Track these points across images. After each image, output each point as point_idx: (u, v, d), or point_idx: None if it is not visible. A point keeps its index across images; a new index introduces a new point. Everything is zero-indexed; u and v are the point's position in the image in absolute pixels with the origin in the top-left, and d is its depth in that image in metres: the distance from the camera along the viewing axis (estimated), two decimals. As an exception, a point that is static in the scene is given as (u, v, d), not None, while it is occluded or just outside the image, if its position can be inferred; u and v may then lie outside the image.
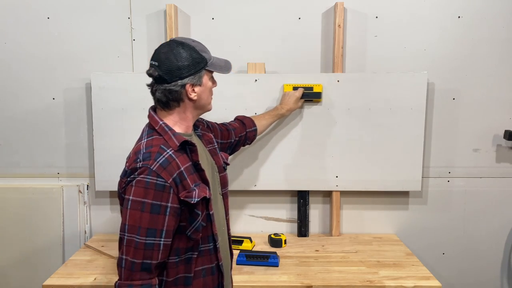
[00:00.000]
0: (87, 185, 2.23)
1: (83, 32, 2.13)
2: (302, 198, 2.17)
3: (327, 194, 2.22)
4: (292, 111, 2.02)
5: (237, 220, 2.25)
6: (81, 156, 2.21)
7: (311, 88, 2.03)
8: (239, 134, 1.75)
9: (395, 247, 2.06)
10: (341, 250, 2.01)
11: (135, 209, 1.17)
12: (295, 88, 2.01)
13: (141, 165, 1.19)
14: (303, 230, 2.19)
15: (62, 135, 2.20)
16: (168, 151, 1.23)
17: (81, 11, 2.12)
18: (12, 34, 2.13)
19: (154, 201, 1.18)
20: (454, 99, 2.15)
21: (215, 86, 1.39)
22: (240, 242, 2.02)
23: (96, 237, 2.20)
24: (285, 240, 2.07)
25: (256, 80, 2.06)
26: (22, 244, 2.21)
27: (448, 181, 2.21)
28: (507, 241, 2.25)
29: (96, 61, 2.14)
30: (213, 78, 1.38)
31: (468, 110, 2.16)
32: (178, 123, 1.32)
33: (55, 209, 2.20)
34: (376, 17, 2.10)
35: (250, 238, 2.05)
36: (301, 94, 2.00)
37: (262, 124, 1.88)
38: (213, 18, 2.12)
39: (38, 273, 2.21)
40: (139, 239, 1.17)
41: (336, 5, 2.05)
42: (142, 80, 1.39)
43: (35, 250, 2.21)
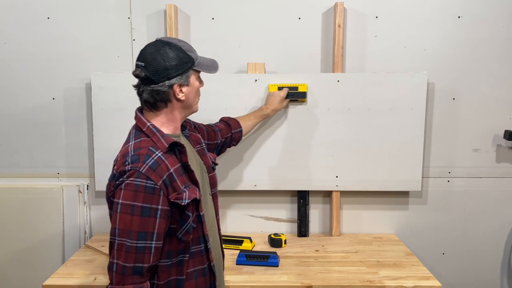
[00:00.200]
0: (87, 185, 2.23)
1: (83, 32, 2.13)
2: (302, 198, 2.17)
3: (327, 194, 2.22)
4: (277, 111, 2.02)
5: (237, 220, 2.24)
6: (81, 156, 2.21)
7: (296, 88, 2.03)
8: (225, 135, 1.75)
9: (395, 247, 2.06)
10: (341, 250, 2.01)
11: (125, 213, 1.16)
12: (280, 88, 2.02)
13: (130, 168, 1.18)
14: (303, 230, 2.19)
15: (62, 135, 2.20)
16: (157, 153, 1.22)
17: (81, 11, 2.12)
18: (12, 34, 2.13)
19: (144, 204, 1.16)
20: (454, 99, 2.15)
21: (202, 86, 1.38)
22: (240, 242, 2.02)
23: (96, 237, 2.20)
24: (285, 240, 2.07)
25: (256, 80, 2.06)
26: (22, 244, 2.21)
27: (448, 181, 2.21)
28: (507, 241, 2.25)
29: (96, 61, 2.14)
30: (200, 78, 1.37)
31: (468, 110, 2.16)
32: (166, 124, 1.31)
33: (55, 209, 2.20)
34: (376, 17, 2.10)
35: (250, 238, 2.05)
36: (286, 94, 2.00)
37: (247, 125, 1.88)
38: (213, 18, 2.12)
39: (38, 273, 2.21)
40: (130, 243, 1.16)
41: (336, 5, 2.05)
42: (142, 80, 1.39)
43: (35, 250, 2.21)
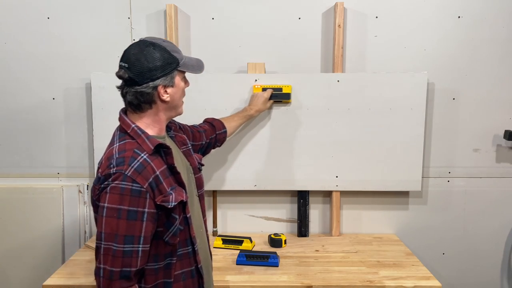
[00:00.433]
0: (87, 185, 2.23)
1: (83, 32, 2.13)
2: (302, 198, 2.17)
3: (327, 194, 2.22)
4: (261, 112, 2.02)
5: (237, 220, 2.24)
6: (81, 156, 2.20)
7: (280, 89, 2.03)
8: (210, 136, 1.74)
9: (395, 247, 2.06)
10: (341, 250, 2.01)
11: (111, 217, 1.14)
12: (265, 89, 2.02)
13: (115, 171, 1.16)
14: (303, 230, 2.19)
15: (62, 135, 2.20)
16: (143, 155, 1.20)
17: (81, 11, 2.12)
18: (12, 34, 2.13)
19: (131, 208, 1.15)
20: (454, 99, 2.15)
21: (188, 86, 1.37)
22: (240, 242, 2.02)
23: (96, 237, 2.20)
24: (285, 240, 2.07)
25: (256, 80, 2.06)
26: (22, 244, 2.21)
27: (448, 181, 2.21)
28: (507, 241, 2.25)
29: (96, 61, 2.14)
30: (185, 78, 1.35)
31: (468, 110, 2.16)
32: (151, 126, 1.29)
33: (55, 209, 2.20)
34: (376, 17, 2.10)
35: (250, 238, 2.05)
36: (270, 95, 2.00)
37: (232, 126, 1.88)
38: (213, 18, 2.12)
39: (38, 273, 2.21)
40: (117, 247, 1.14)
41: (336, 5, 2.05)
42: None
43: (35, 250, 2.21)
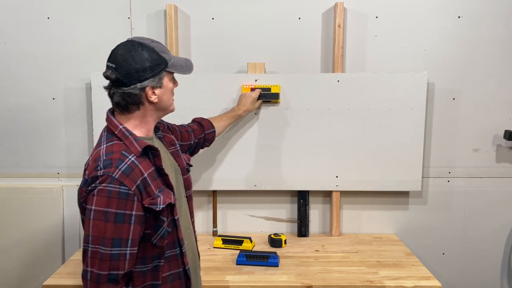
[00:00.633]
0: (87, 185, 2.22)
1: (83, 32, 2.13)
2: (302, 198, 2.17)
3: (327, 194, 2.22)
4: (249, 112, 2.02)
5: (237, 220, 2.24)
6: (81, 156, 2.20)
7: (269, 89, 2.03)
8: (198, 136, 1.74)
9: (395, 247, 2.06)
10: (341, 250, 2.01)
11: (99, 220, 1.13)
12: (253, 89, 2.02)
13: (102, 173, 1.14)
14: (303, 230, 2.19)
15: (62, 135, 2.20)
16: (130, 157, 1.19)
17: (81, 11, 2.12)
18: (12, 34, 2.13)
19: (118, 210, 1.13)
20: (454, 99, 2.15)
21: (176, 86, 1.35)
22: (240, 242, 2.02)
23: (96, 237, 2.20)
24: (285, 240, 2.07)
25: (256, 80, 2.06)
26: (22, 244, 2.21)
27: (448, 181, 2.21)
28: (507, 241, 2.25)
29: (96, 61, 2.13)
30: (174, 79, 1.34)
31: (468, 110, 2.16)
32: (139, 127, 1.28)
33: (55, 209, 2.20)
34: (376, 17, 2.10)
35: (250, 238, 2.05)
36: (258, 95, 2.00)
37: (220, 125, 1.87)
38: (213, 18, 2.12)
39: (38, 273, 2.21)
40: (104, 250, 1.13)
41: (336, 5, 2.05)
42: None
43: (35, 250, 2.21)
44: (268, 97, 2.04)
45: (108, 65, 1.22)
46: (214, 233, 2.21)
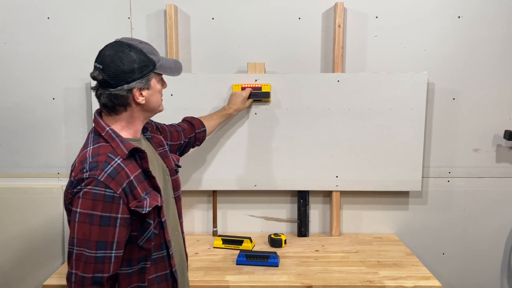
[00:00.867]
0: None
1: (83, 32, 2.13)
2: (302, 198, 2.17)
3: (327, 194, 2.22)
4: (240, 111, 2.02)
5: (237, 220, 2.24)
6: (81, 156, 2.20)
7: (260, 88, 2.03)
8: (189, 135, 1.73)
9: (395, 247, 2.06)
10: (341, 250, 2.01)
11: (84, 222, 1.12)
12: (244, 88, 2.02)
13: (88, 176, 1.14)
14: (303, 230, 2.19)
15: (62, 135, 2.20)
16: (116, 160, 1.18)
17: (81, 11, 2.12)
18: (12, 34, 2.13)
19: (104, 213, 1.13)
20: (454, 99, 2.15)
21: (165, 87, 1.35)
22: (240, 242, 2.02)
23: (96, 237, 2.20)
24: (285, 240, 2.07)
25: (256, 80, 2.06)
26: (22, 244, 2.21)
27: (448, 181, 2.21)
28: (507, 241, 2.25)
29: (96, 61, 2.14)
30: (163, 80, 1.33)
31: (468, 110, 2.16)
32: (126, 128, 1.27)
33: (55, 209, 2.20)
34: (376, 17, 2.10)
35: (250, 238, 2.05)
36: (249, 94, 2.00)
37: (211, 124, 1.87)
38: (213, 18, 2.12)
39: (38, 273, 2.21)
40: (89, 253, 1.12)
41: (336, 5, 2.05)
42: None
43: (35, 250, 2.21)
44: (259, 96, 2.04)
45: (96, 66, 1.22)
46: (214, 233, 2.21)
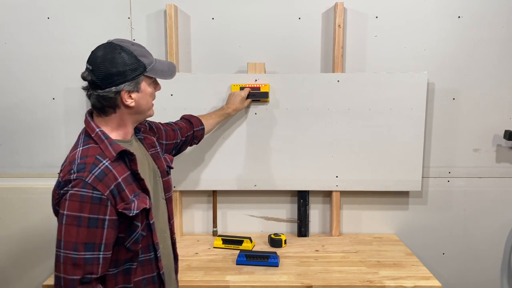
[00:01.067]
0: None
1: (83, 32, 2.13)
2: (302, 198, 2.17)
3: (327, 194, 2.22)
4: (239, 111, 2.02)
5: (237, 220, 2.24)
6: (81, 156, 2.20)
7: (258, 88, 2.03)
8: (186, 134, 1.72)
9: (395, 247, 2.06)
10: (341, 250, 2.01)
11: (71, 224, 1.11)
12: (242, 88, 2.02)
13: (75, 177, 1.13)
14: (303, 230, 2.19)
15: (62, 135, 2.20)
16: (104, 162, 1.17)
17: (81, 11, 2.11)
18: (12, 34, 2.13)
19: (91, 215, 1.12)
20: (454, 99, 2.15)
21: (159, 90, 1.33)
22: (240, 242, 2.02)
23: (96, 237, 2.20)
24: (285, 240, 2.07)
25: (256, 80, 2.06)
26: (22, 244, 2.21)
27: (448, 181, 2.21)
28: (507, 241, 2.25)
29: (96, 61, 2.13)
30: (156, 82, 1.32)
31: (468, 110, 2.16)
32: (116, 130, 1.26)
33: (55, 209, 2.20)
34: (376, 17, 2.10)
35: (250, 238, 2.05)
36: (247, 94, 2.01)
37: (209, 123, 1.87)
38: (213, 18, 2.12)
39: (38, 273, 2.21)
40: (77, 255, 1.11)
41: (336, 5, 2.05)
42: (142, 80, 1.38)
43: (35, 250, 2.21)
44: (257, 96, 2.04)
45: (86, 66, 1.22)
46: (214, 233, 2.21)
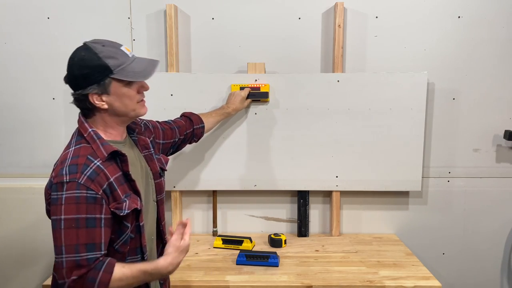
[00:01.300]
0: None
1: (83, 32, 2.13)
2: (302, 198, 2.17)
3: (327, 194, 2.22)
4: (238, 111, 2.02)
5: (237, 220, 2.24)
6: (81, 156, 2.20)
7: (258, 88, 2.04)
8: (185, 132, 1.72)
9: (395, 247, 2.06)
10: (341, 250, 2.01)
11: (70, 228, 1.11)
12: (242, 88, 2.02)
13: (68, 180, 1.13)
14: (303, 230, 2.19)
15: (62, 135, 2.20)
16: (96, 162, 1.18)
17: (81, 11, 2.11)
18: (12, 34, 2.13)
19: (88, 215, 1.13)
20: (454, 99, 2.15)
21: (146, 90, 1.29)
22: (240, 242, 2.02)
23: (96, 237, 2.20)
24: (285, 240, 2.07)
25: (256, 80, 2.06)
26: (22, 244, 2.21)
27: (448, 181, 2.21)
28: (507, 241, 2.25)
29: (96, 61, 2.13)
30: (138, 83, 1.26)
31: (468, 110, 2.15)
32: (105, 131, 1.26)
33: (55, 209, 2.20)
34: (376, 17, 2.10)
35: (250, 238, 2.05)
36: (247, 94, 2.01)
37: (210, 121, 1.87)
38: (213, 18, 2.12)
39: (38, 273, 2.21)
40: (80, 257, 1.11)
41: (336, 5, 2.05)
42: (142, 80, 1.38)
43: (35, 250, 2.21)
44: (257, 96, 2.04)
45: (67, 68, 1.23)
46: (214, 233, 2.21)
